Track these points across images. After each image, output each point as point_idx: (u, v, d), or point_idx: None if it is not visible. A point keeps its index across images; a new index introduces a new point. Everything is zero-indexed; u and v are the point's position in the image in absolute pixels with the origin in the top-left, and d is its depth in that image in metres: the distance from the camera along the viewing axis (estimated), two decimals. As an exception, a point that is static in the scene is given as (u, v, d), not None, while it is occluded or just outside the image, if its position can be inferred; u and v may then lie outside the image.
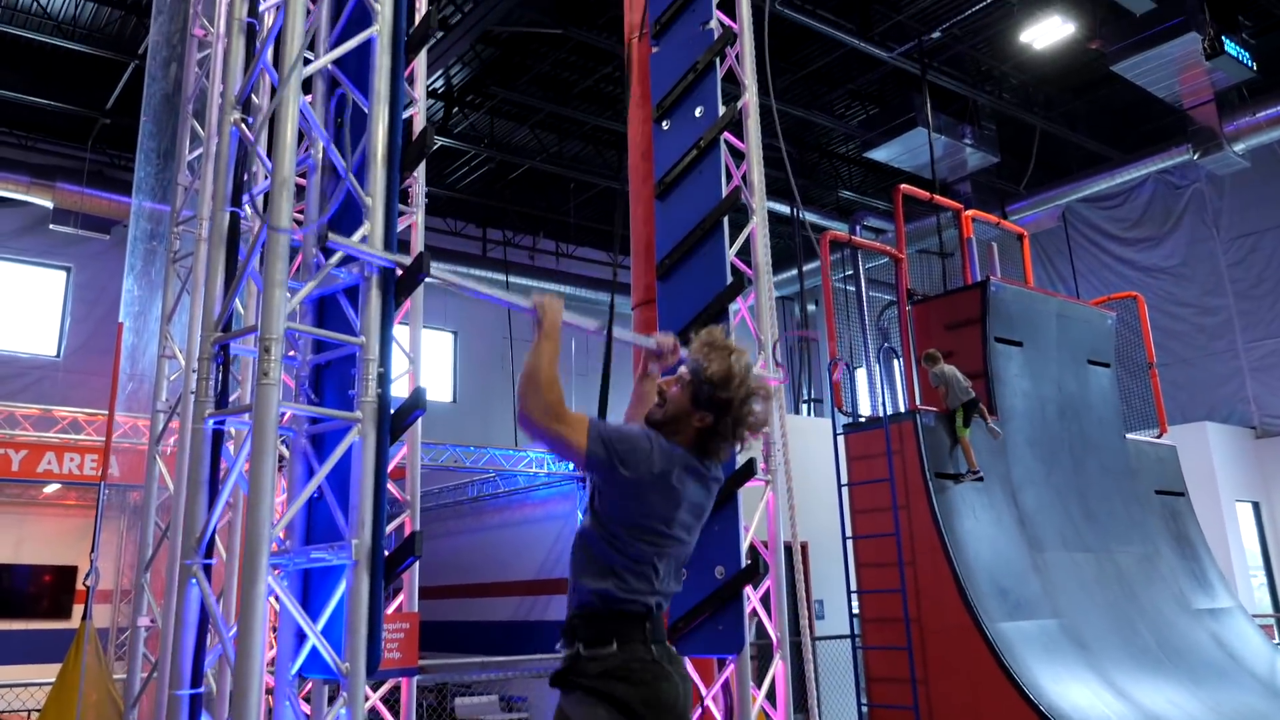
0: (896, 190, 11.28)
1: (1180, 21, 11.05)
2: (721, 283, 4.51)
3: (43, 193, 13.81)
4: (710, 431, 2.76)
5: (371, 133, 3.15)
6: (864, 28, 13.23)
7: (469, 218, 19.28)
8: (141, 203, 5.55)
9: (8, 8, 12.34)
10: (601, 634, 2.66)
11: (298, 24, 2.97)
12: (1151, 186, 17.32)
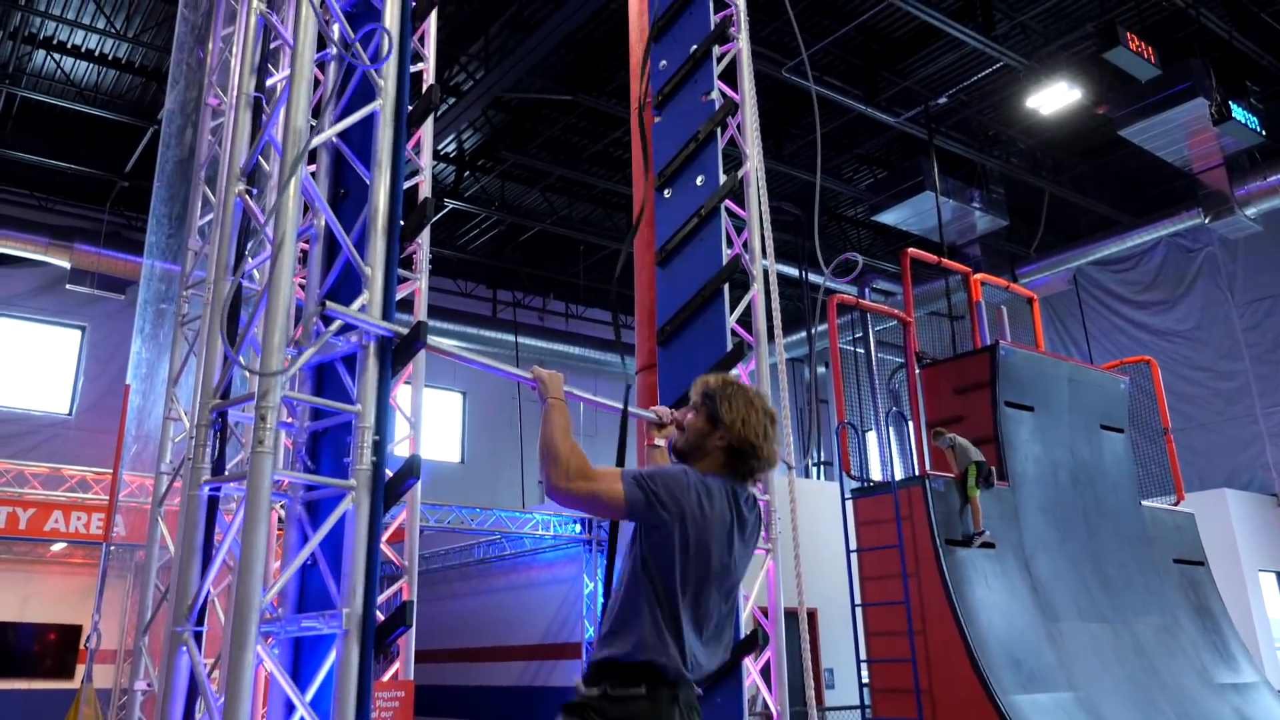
0: (904, 254, 11.33)
1: (1187, 87, 11.13)
2: (721, 349, 4.52)
3: (60, 253, 14.04)
4: (732, 450, 2.72)
5: (372, 203, 3.19)
6: (871, 93, 13.40)
7: (479, 279, 19.44)
8: (153, 265, 5.62)
9: (32, 75, 12.66)
10: (632, 679, 2.56)
11: (302, 100, 3.03)
12: (1163, 250, 17.33)
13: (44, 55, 12.42)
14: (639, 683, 2.55)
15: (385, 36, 3.27)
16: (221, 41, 6.42)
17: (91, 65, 12.69)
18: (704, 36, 4.98)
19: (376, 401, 3.10)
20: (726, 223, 4.76)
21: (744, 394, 2.77)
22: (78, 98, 12.99)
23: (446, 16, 12.13)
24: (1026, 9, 12.52)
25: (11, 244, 13.82)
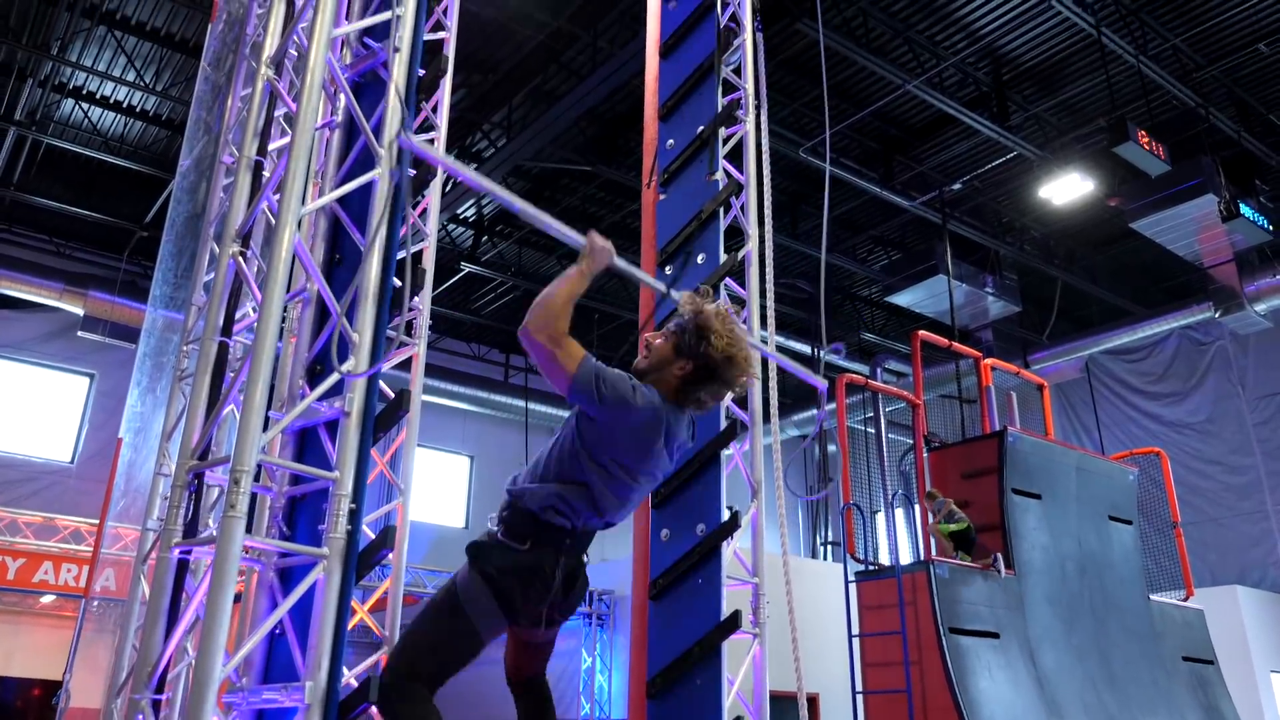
0: (914, 336, 11.32)
1: (1197, 183, 11.19)
2: (715, 428, 4.49)
3: (75, 300, 14.13)
4: (690, 380, 2.94)
5: (365, 270, 3.20)
6: (887, 176, 13.52)
7: (493, 343, 19.52)
8: (155, 319, 5.66)
9: (60, 122, 12.94)
10: (521, 535, 2.88)
11: (300, 166, 3.06)
12: (1175, 341, 17.27)
13: (72, 104, 12.69)
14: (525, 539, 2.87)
15: (388, 108, 3.31)
16: (240, 101, 6.54)
17: (118, 116, 12.95)
18: (711, 118, 5.04)
19: (355, 469, 3.08)
20: (725, 301, 4.75)
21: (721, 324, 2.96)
22: (103, 147, 13.24)
23: (471, 85, 12.37)
24: (1040, 101, 12.68)
25: (26, 288, 13.94)
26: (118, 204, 14.56)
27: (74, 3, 10.63)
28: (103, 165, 13.76)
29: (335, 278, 3.51)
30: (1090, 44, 11.32)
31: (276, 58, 3.51)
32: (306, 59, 3.18)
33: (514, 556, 2.87)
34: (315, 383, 3.28)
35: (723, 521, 4.48)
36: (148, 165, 13.48)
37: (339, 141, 3.67)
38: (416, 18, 3.52)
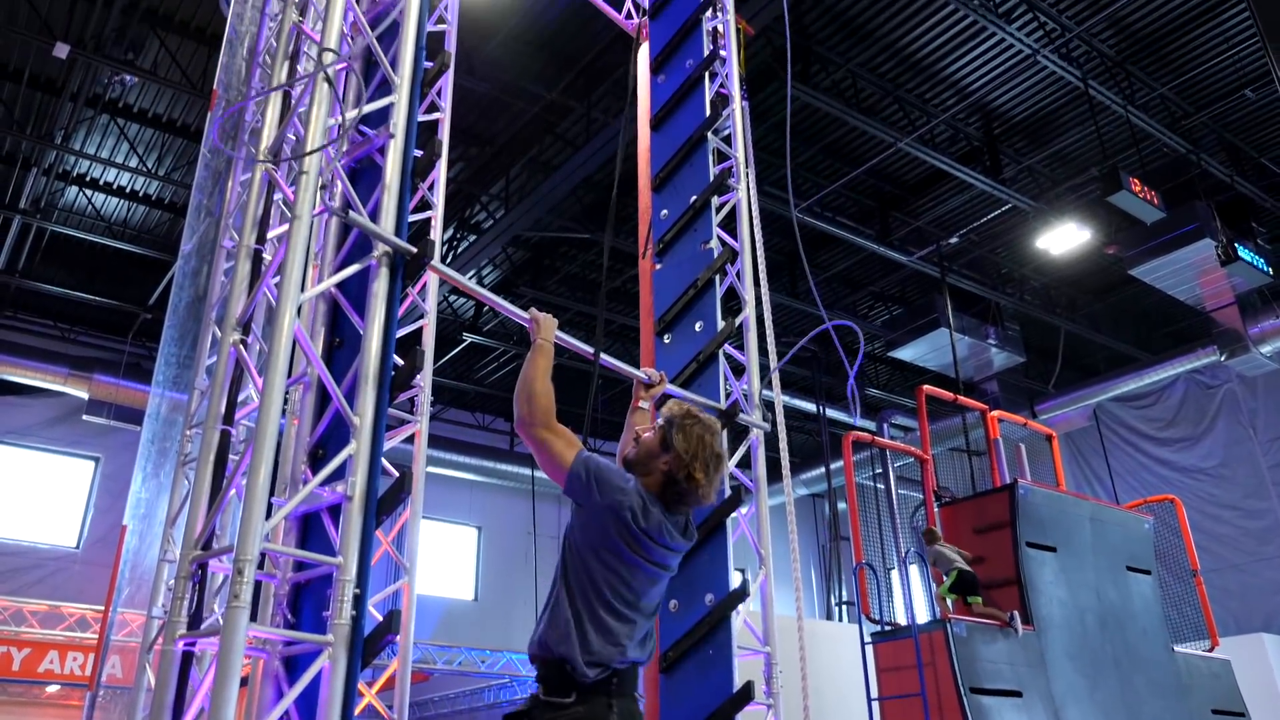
0: (919, 391, 11.29)
1: (1194, 228, 11.25)
2: (720, 496, 4.47)
3: (79, 384, 14.17)
4: (672, 477, 2.94)
5: (365, 354, 3.22)
6: (884, 233, 13.63)
7: (497, 412, 19.52)
8: (159, 405, 5.67)
9: (64, 210, 13.11)
10: (564, 689, 2.75)
11: (298, 255, 3.09)
12: (1183, 386, 17.20)
13: (76, 191, 12.88)
14: (569, 693, 2.74)
15: (384, 196, 3.36)
16: (240, 186, 6.64)
17: (121, 201, 13.12)
18: (703, 187, 5.10)
19: (359, 553, 3.06)
20: (725, 367, 4.77)
21: (701, 429, 3.01)
22: (106, 232, 13.41)
23: (469, 158, 12.55)
24: (1032, 154, 12.81)
25: (32, 374, 13.98)
26: (121, 287, 14.69)
27: (77, 93, 10.84)
28: (106, 249, 13.91)
29: (335, 361, 3.52)
30: (1078, 96, 11.48)
31: (274, 147, 3.57)
32: (303, 149, 3.23)
33: (564, 712, 2.73)
34: (318, 467, 3.28)
35: (732, 591, 4.43)
36: (151, 248, 13.63)
37: (337, 225, 3.71)
38: (410, 104, 3.59)
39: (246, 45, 7.33)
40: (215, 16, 10.15)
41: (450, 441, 17.40)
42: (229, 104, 7.16)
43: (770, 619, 4.64)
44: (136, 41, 10.41)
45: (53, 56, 9.87)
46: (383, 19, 3.90)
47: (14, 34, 9.94)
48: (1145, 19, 10.71)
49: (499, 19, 10.29)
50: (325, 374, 3.22)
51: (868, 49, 11.00)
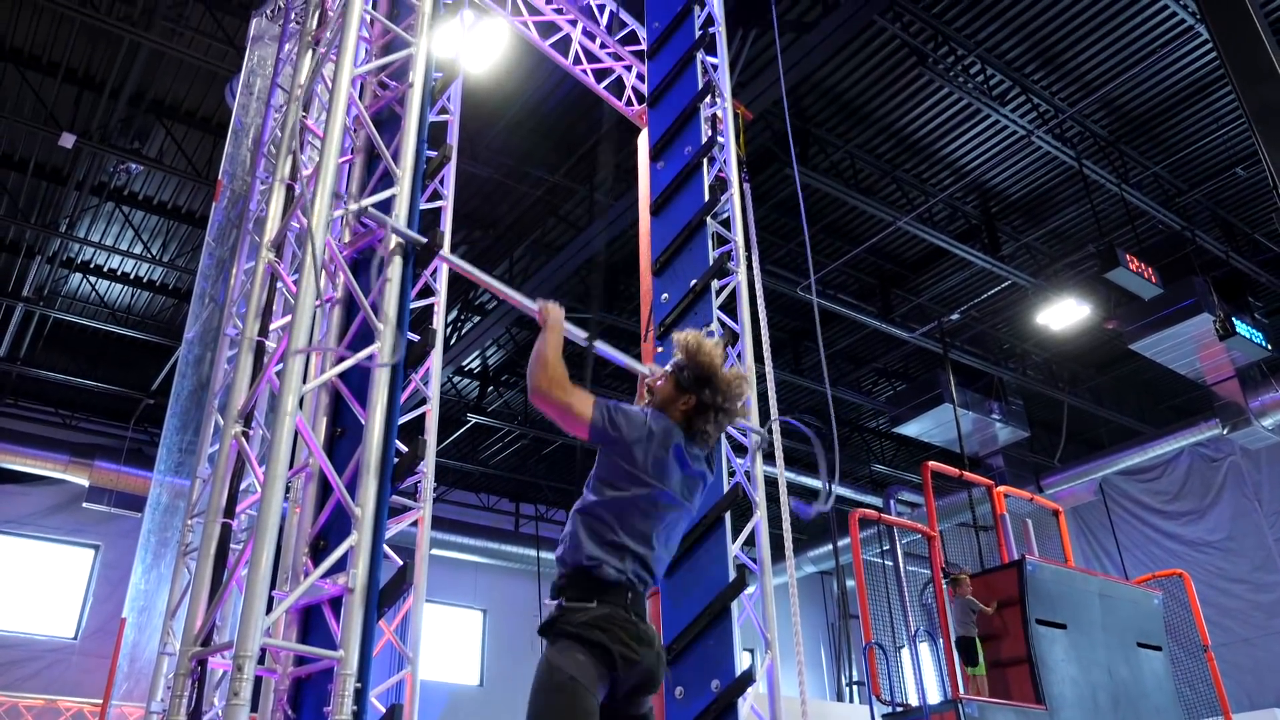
0: (924, 468, 11.24)
1: (1191, 303, 11.31)
2: (723, 579, 4.43)
3: (80, 471, 14.09)
4: (694, 411, 3.15)
5: (366, 443, 3.21)
6: (885, 310, 13.71)
7: (502, 492, 19.41)
8: (160, 494, 5.66)
9: (67, 296, 13.22)
10: (586, 593, 2.92)
11: (300, 344, 3.11)
12: (1187, 459, 17.11)
13: (79, 278, 12.99)
14: (591, 597, 2.91)
15: (386, 284, 3.40)
16: (244, 275, 6.71)
17: (125, 287, 13.23)
18: (703, 271, 5.15)
19: (360, 647, 3.02)
20: (727, 448, 4.76)
21: (707, 359, 3.19)
22: (109, 318, 13.49)
23: (473, 241, 12.69)
24: (1030, 231, 12.95)
25: (32, 462, 13.91)
26: (124, 373, 14.73)
27: (83, 182, 11.01)
28: (109, 335, 13.98)
29: (337, 451, 3.52)
30: (1073, 175, 11.64)
31: (277, 240, 3.62)
32: (308, 240, 3.28)
33: (589, 612, 2.90)
34: (319, 558, 3.26)
35: (738, 676, 4.36)
36: (154, 334, 13.69)
37: (339, 316, 3.74)
38: (412, 195, 3.65)
39: (251, 135, 7.49)
40: (221, 106, 10.37)
41: (454, 523, 17.28)
42: (234, 193, 7.29)
43: (777, 704, 4.55)
44: (143, 131, 10.62)
45: (59, 146, 10.07)
46: (385, 111, 3.98)
47: (20, 125, 10.13)
48: (1136, 100, 10.92)
49: (501, 106, 10.50)
50: (327, 465, 3.22)
51: (865, 131, 11.20)
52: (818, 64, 9.41)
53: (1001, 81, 10.52)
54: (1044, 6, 9.73)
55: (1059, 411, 16.10)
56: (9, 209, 11.41)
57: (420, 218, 3.76)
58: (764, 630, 4.65)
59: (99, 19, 8.86)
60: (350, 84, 3.65)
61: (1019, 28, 9.97)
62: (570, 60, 7.35)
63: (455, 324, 13.54)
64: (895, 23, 9.68)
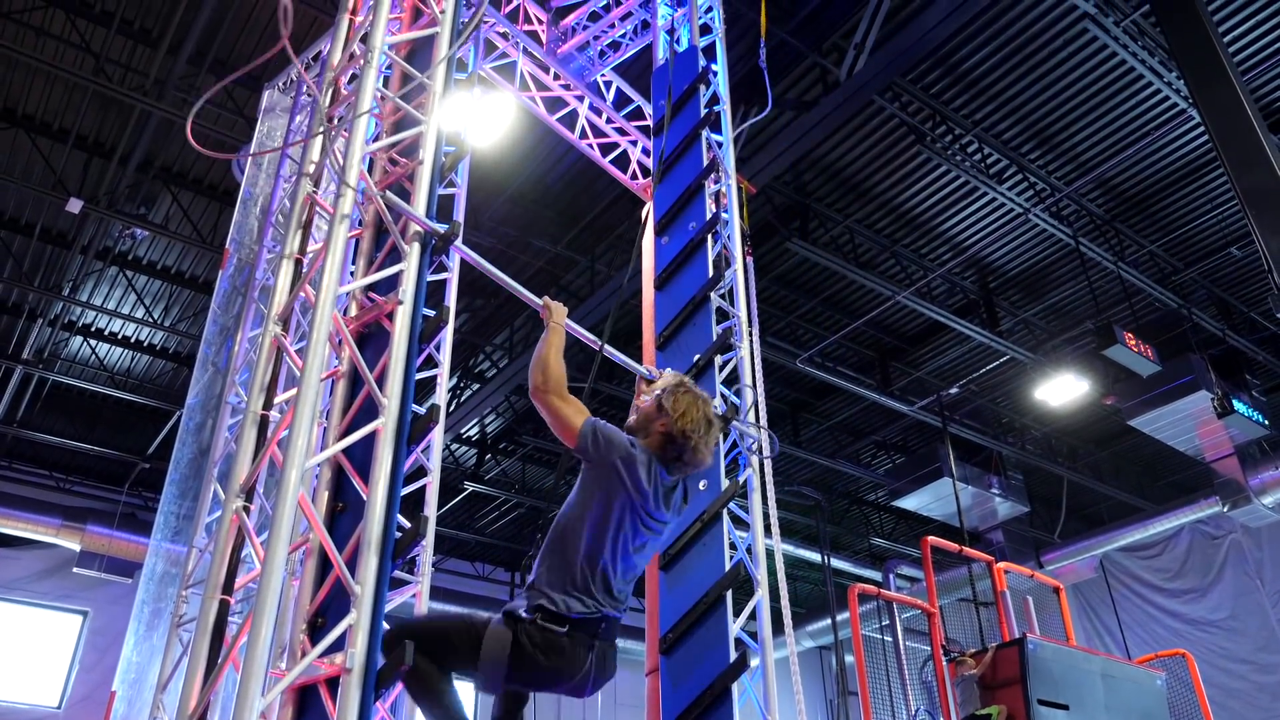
0: (924, 543, 11.15)
1: (1189, 380, 11.34)
2: (724, 659, 4.36)
3: (72, 535, 13.92)
4: (669, 436, 3.44)
5: (368, 520, 3.19)
6: (884, 383, 13.73)
7: (498, 562, 19.23)
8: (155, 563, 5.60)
9: (66, 359, 13.22)
10: (557, 618, 3.18)
11: (304, 424, 3.11)
12: (1188, 536, 16.99)
13: (80, 341, 13.00)
14: (564, 624, 3.18)
15: (391, 361, 3.41)
16: (248, 343, 6.72)
17: (125, 351, 13.24)
18: (706, 347, 5.17)
19: (356, 731, 2.96)
20: (729, 525, 4.73)
21: (691, 397, 3.53)
22: (108, 381, 13.47)
23: (474, 310, 12.76)
24: (1028, 306, 13.04)
25: (24, 526, 13.74)
26: (121, 436, 14.68)
27: (88, 246, 11.09)
28: (106, 399, 13.96)
29: (338, 526, 3.49)
30: (1070, 252, 11.76)
31: (284, 315, 3.64)
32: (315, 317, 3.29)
33: (552, 637, 3.16)
34: (316, 636, 3.21)
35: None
36: (152, 398, 13.66)
37: (344, 390, 3.74)
38: (419, 272, 3.67)
39: (259, 205, 7.57)
40: (228, 175, 10.50)
41: (449, 593, 17.06)
42: (240, 261, 7.34)
43: (780, 793, 4.46)
44: (149, 197, 10.72)
45: (66, 211, 10.16)
46: (395, 187, 4.03)
47: (29, 190, 10.23)
48: (1131, 180, 11.08)
49: (506, 177, 10.64)
50: (328, 542, 3.19)
51: (865, 206, 11.34)
52: (818, 140, 9.55)
53: (999, 160, 10.69)
54: (1039, 89, 9.92)
55: (1059, 487, 16.04)
56: (13, 272, 11.47)
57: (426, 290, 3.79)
58: (765, 710, 4.58)
59: (112, 88, 9.00)
60: (361, 161, 3.70)
61: (1015, 109, 10.15)
62: (576, 134, 7.47)
63: (454, 391, 13.54)
64: (894, 102, 9.87)
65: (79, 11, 8.80)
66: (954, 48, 9.46)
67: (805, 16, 9.08)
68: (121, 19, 8.85)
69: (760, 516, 4.97)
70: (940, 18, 7.98)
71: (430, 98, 4.02)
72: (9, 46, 8.58)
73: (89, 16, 8.85)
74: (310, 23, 8.97)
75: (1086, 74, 9.73)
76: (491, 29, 6.87)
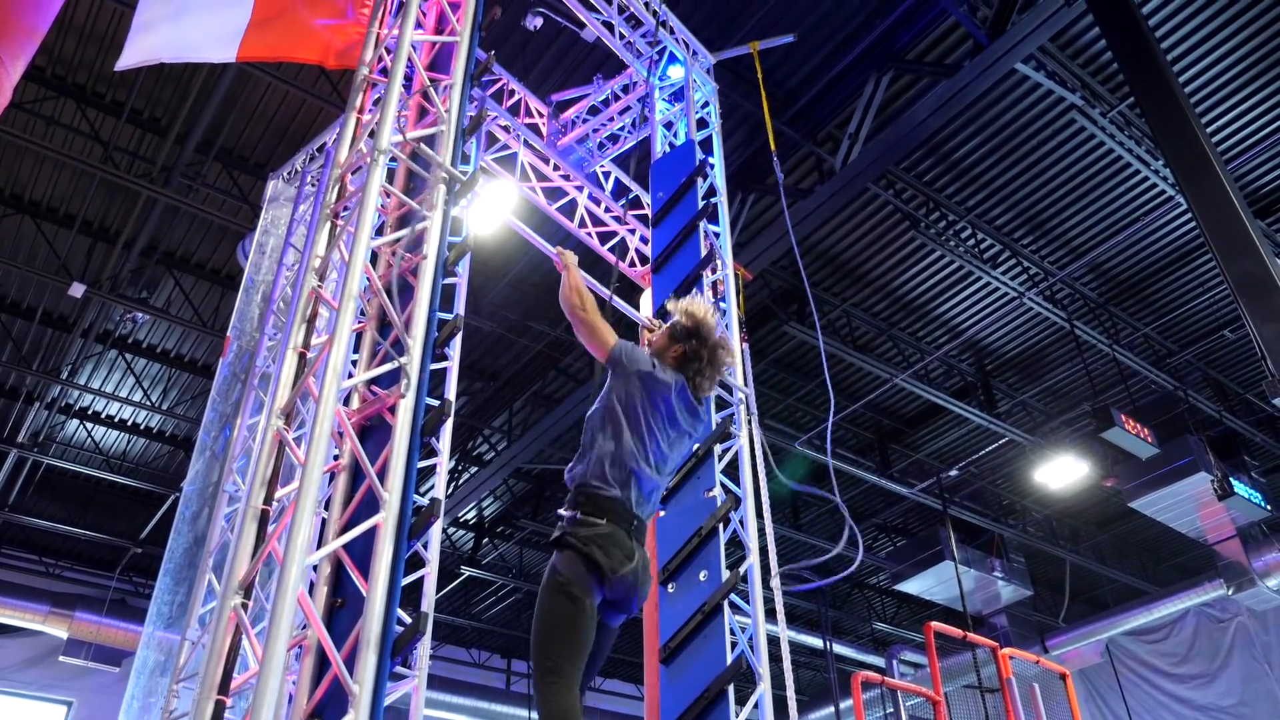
0: (928, 629, 11.00)
1: (1188, 462, 11.34)
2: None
3: (59, 623, 13.69)
4: (683, 359, 3.85)
5: (367, 618, 3.15)
6: (884, 465, 13.69)
7: (494, 648, 18.93)
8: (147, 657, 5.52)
9: (61, 443, 13.17)
10: (597, 510, 3.51)
11: (305, 520, 3.10)
12: (1194, 620, 16.76)
13: (76, 424, 12.96)
14: (602, 515, 3.50)
15: (393, 455, 3.41)
16: (247, 430, 6.72)
17: (121, 434, 13.20)
18: (705, 437, 5.17)
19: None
20: (731, 619, 4.68)
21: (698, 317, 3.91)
22: (103, 465, 13.40)
23: (474, 393, 12.78)
24: (1025, 388, 13.08)
25: (11, 613, 13.51)
26: (113, 520, 14.56)
27: (88, 330, 11.13)
28: (101, 483, 13.88)
29: (336, 623, 3.46)
30: (1065, 335, 11.84)
31: (287, 409, 3.65)
32: (318, 413, 3.31)
33: (595, 529, 3.46)
34: (312, 740, 3.15)
35: None
36: (147, 481, 13.57)
37: (344, 483, 3.73)
38: (422, 364, 3.69)
39: (261, 292, 7.64)
40: (230, 259, 10.60)
41: (445, 680, 16.75)
42: (240, 347, 7.39)
43: None
44: (151, 281, 10.82)
45: (68, 295, 10.23)
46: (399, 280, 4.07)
47: (32, 274, 10.31)
48: (1122, 265, 11.21)
49: (505, 263, 10.75)
50: (326, 639, 3.15)
51: (862, 290, 11.44)
52: (816, 226, 9.69)
53: (992, 245, 10.83)
54: (1030, 176, 10.10)
55: (1061, 569, 15.90)
56: (12, 355, 11.50)
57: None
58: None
59: (119, 176, 9.14)
60: (366, 257, 3.75)
61: (1007, 195, 10.33)
62: (575, 223, 7.58)
63: (452, 474, 13.48)
64: (888, 189, 10.04)
65: (90, 101, 8.99)
66: (945, 137, 9.66)
67: (800, 108, 9.29)
68: (131, 108, 9.04)
69: (761, 604, 4.92)
70: (931, 109, 8.17)
71: (435, 193, 4.10)
72: (19, 135, 8.74)
73: (99, 106, 9.03)
74: (316, 113, 9.16)
75: (1075, 162, 9.93)
76: (493, 122, 7.02)
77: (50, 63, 8.68)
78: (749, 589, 4.94)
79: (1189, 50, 8.83)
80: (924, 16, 8.51)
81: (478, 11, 4.84)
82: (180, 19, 4.93)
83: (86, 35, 8.45)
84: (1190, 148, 6.93)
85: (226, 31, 4.99)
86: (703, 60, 7.50)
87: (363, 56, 4.56)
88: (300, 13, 5.18)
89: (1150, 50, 6.77)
